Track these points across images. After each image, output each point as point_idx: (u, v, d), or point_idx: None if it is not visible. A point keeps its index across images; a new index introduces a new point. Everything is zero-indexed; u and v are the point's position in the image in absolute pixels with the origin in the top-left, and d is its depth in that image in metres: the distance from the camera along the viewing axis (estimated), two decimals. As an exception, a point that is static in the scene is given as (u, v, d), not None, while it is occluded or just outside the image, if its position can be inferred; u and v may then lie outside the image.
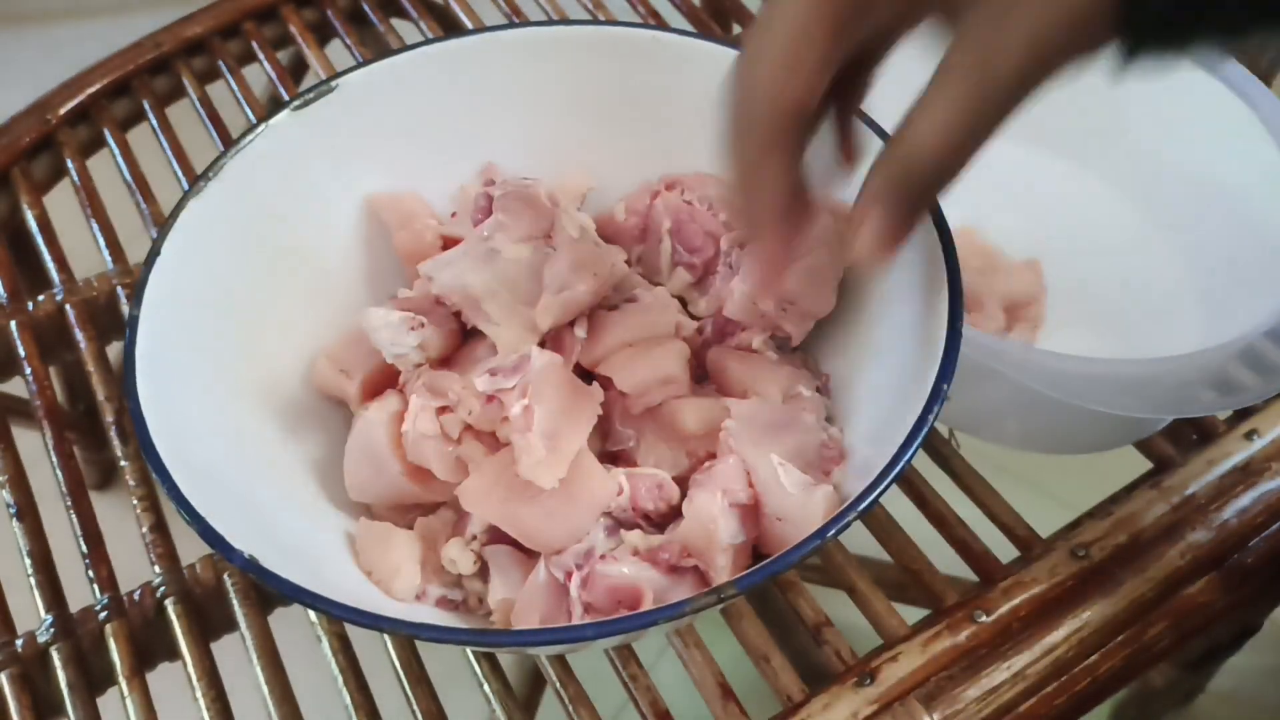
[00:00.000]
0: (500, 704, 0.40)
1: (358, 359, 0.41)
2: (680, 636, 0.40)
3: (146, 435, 0.32)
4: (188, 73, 0.62)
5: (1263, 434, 0.46)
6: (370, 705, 0.40)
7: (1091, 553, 0.42)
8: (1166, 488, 0.44)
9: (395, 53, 0.43)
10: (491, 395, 0.37)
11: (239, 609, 0.43)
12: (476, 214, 0.42)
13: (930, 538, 0.44)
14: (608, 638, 0.31)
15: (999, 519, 0.44)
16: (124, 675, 0.41)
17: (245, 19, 0.64)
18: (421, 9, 0.64)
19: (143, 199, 0.55)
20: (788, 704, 0.39)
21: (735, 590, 0.30)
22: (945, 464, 0.46)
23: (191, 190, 0.38)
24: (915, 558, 0.42)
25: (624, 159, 0.45)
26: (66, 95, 0.60)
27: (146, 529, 0.44)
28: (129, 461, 0.46)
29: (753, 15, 0.65)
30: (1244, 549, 0.43)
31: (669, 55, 0.43)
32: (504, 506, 0.36)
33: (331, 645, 0.41)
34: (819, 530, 0.30)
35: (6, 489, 0.46)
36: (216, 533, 0.31)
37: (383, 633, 0.31)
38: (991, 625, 0.40)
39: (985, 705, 0.39)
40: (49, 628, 0.42)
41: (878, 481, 0.31)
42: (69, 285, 0.52)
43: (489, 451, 0.37)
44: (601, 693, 0.41)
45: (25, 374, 0.49)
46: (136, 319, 0.35)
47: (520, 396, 0.36)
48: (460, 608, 0.38)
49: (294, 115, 0.41)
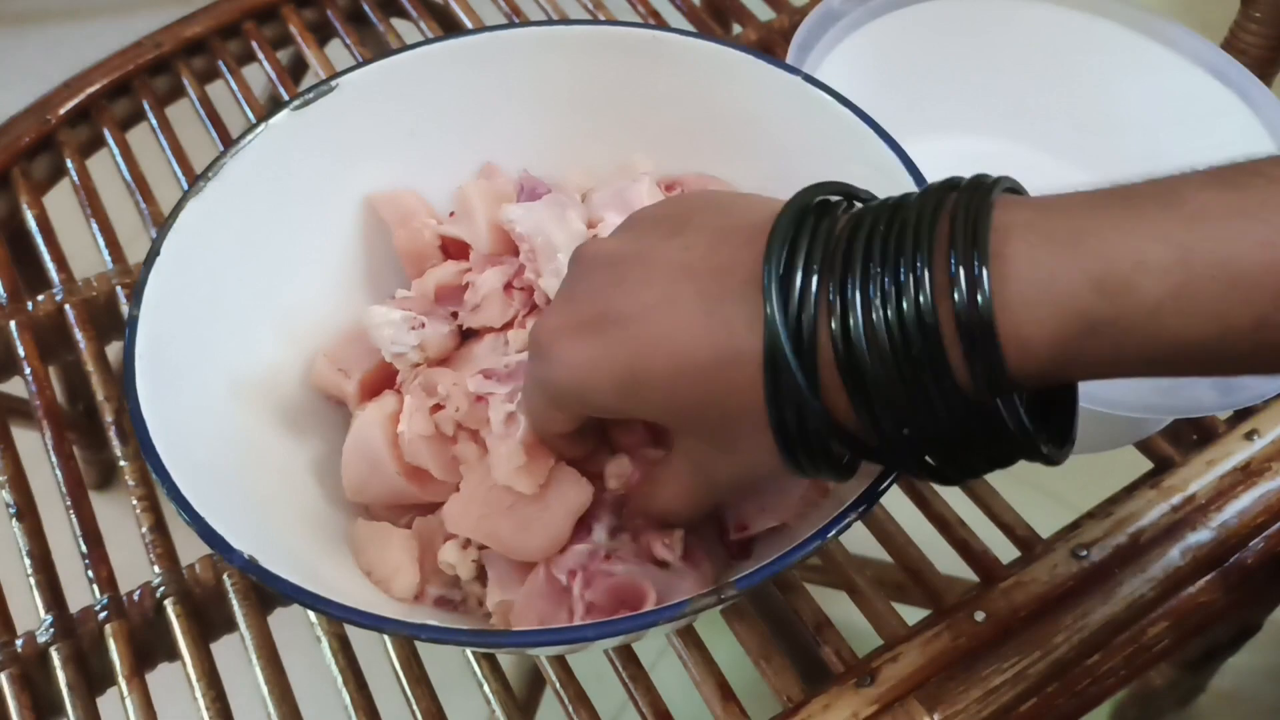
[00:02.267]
0: (500, 704, 0.40)
1: (356, 359, 0.41)
2: (680, 637, 0.40)
3: (146, 435, 0.32)
4: (188, 73, 0.62)
5: (1263, 434, 0.46)
6: (370, 705, 0.40)
7: (1091, 553, 0.42)
8: (1167, 488, 0.44)
9: (395, 53, 0.43)
10: (481, 396, 0.37)
11: (238, 609, 0.43)
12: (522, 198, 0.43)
13: (930, 538, 0.44)
14: (608, 638, 0.31)
15: (999, 519, 0.44)
16: (123, 675, 0.41)
17: (245, 19, 0.64)
18: (421, 9, 0.64)
19: (142, 199, 0.55)
20: (788, 704, 0.39)
21: (735, 590, 0.30)
22: (945, 464, 0.46)
23: (191, 190, 0.38)
24: (915, 558, 0.42)
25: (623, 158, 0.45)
26: (66, 95, 0.60)
27: (146, 529, 0.44)
28: (129, 461, 0.46)
29: (753, 15, 0.65)
30: (1244, 549, 0.43)
31: (669, 55, 0.43)
32: (481, 523, 0.36)
33: (331, 645, 0.41)
34: (819, 530, 0.30)
35: (6, 489, 0.46)
36: (216, 533, 0.31)
37: (382, 633, 0.31)
38: (991, 625, 0.40)
39: (985, 705, 0.39)
40: (49, 628, 0.42)
41: (878, 481, 0.31)
42: (69, 285, 0.52)
43: (483, 451, 0.37)
44: (601, 693, 0.41)
45: (25, 374, 0.49)
46: (136, 319, 0.35)
47: (506, 402, 0.36)
48: (459, 608, 0.38)
49: (294, 115, 0.41)
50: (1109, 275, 0.24)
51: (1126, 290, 0.24)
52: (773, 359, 0.27)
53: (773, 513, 0.36)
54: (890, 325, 0.26)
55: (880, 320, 0.26)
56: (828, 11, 0.51)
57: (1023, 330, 0.25)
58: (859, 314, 0.26)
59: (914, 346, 0.26)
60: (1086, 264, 0.25)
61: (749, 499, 0.37)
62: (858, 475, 0.30)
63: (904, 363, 0.26)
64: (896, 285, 0.26)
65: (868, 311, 0.26)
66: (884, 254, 0.26)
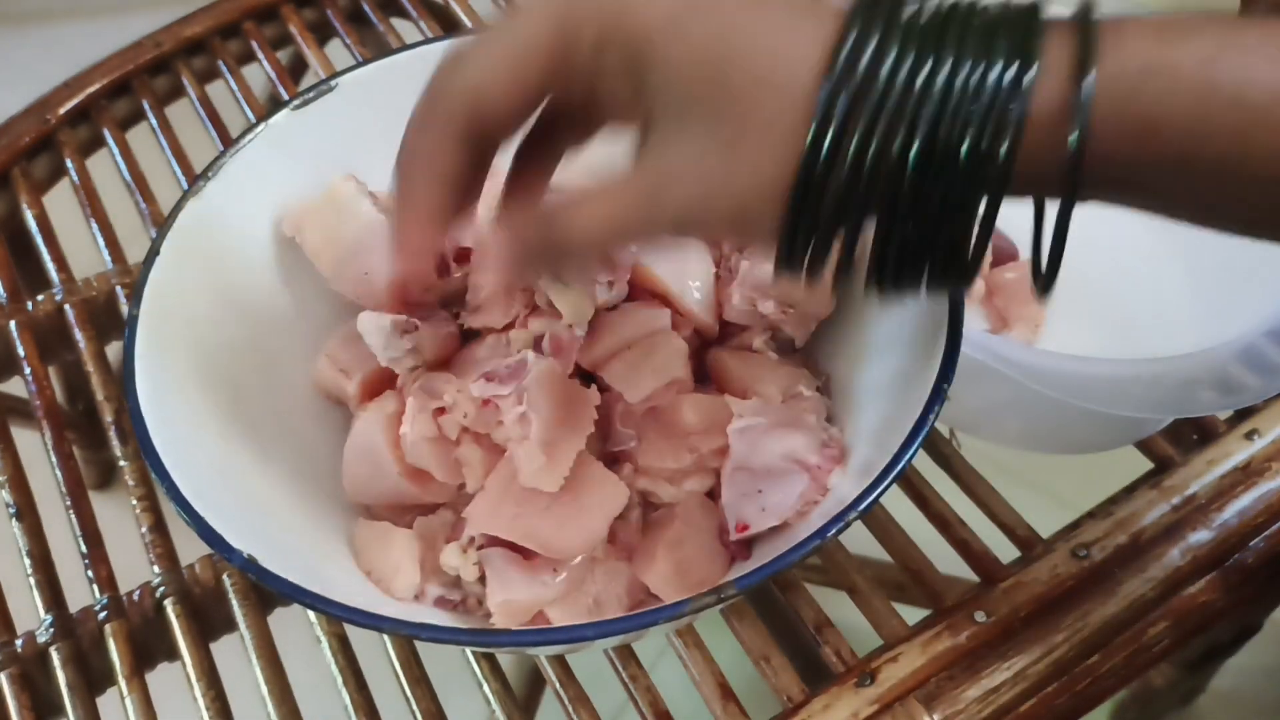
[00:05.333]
0: (500, 704, 0.40)
1: (357, 359, 0.41)
2: (680, 636, 0.40)
3: (146, 435, 0.32)
4: (187, 72, 0.62)
5: (1263, 434, 0.46)
6: (369, 705, 0.40)
7: (1092, 553, 0.42)
8: (1167, 488, 0.44)
9: (395, 52, 0.43)
10: (487, 400, 0.37)
11: (238, 609, 0.43)
12: None
13: (930, 538, 0.44)
14: (608, 638, 0.31)
15: (999, 519, 0.44)
16: (123, 675, 0.41)
17: (245, 19, 0.64)
18: (421, 9, 0.64)
19: (142, 199, 0.55)
20: (788, 704, 0.39)
21: (735, 590, 0.30)
22: (946, 464, 0.46)
23: (191, 190, 0.38)
24: (915, 558, 0.42)
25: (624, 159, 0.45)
26: (66, 95, 0.60)
27: (146, 529, 0.44)
28: (128, 461, 0.46)
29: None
30: (1244, 549, 0.43)
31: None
32: (516, 522, 0.36)
33: (331, 645, 0.41)
34: (819, 530, 0.30)
35: (6, 489, 0.46)
36: (215, 532, 0.31)
37: (382, 633, 0.31)
38: (992, 625, 0.40)
39: (985, 705, 0.39)
40: (49, 628, 0.42)
41: (878, 481, 0.31)
42: (68, 285, 0.52)
43: (486, 453, 0.37)
44: (601, 693, 0.41)
45: (25, 374, 0.49)
46: (136, 319, 0.35)
47: (516, 404, 0.36)
48: (459, 608, 0.38)
49: (294, 115, 0.41)
50: (1208, 76, 0.23)
51: (1230, 91, 0.23)
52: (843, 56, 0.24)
53: (773, 513, 0.36)
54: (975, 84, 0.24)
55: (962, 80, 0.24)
56: (828, 11, 0.51)
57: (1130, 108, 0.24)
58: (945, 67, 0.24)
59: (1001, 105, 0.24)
60: (1176, 56, 0.24)
61: (749, 499, 0.37)
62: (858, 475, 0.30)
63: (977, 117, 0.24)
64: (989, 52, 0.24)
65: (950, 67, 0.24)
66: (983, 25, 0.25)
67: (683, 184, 0.27)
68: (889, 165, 0.25)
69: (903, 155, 0.25)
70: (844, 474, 0.36)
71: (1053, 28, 0.25)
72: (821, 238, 0.26)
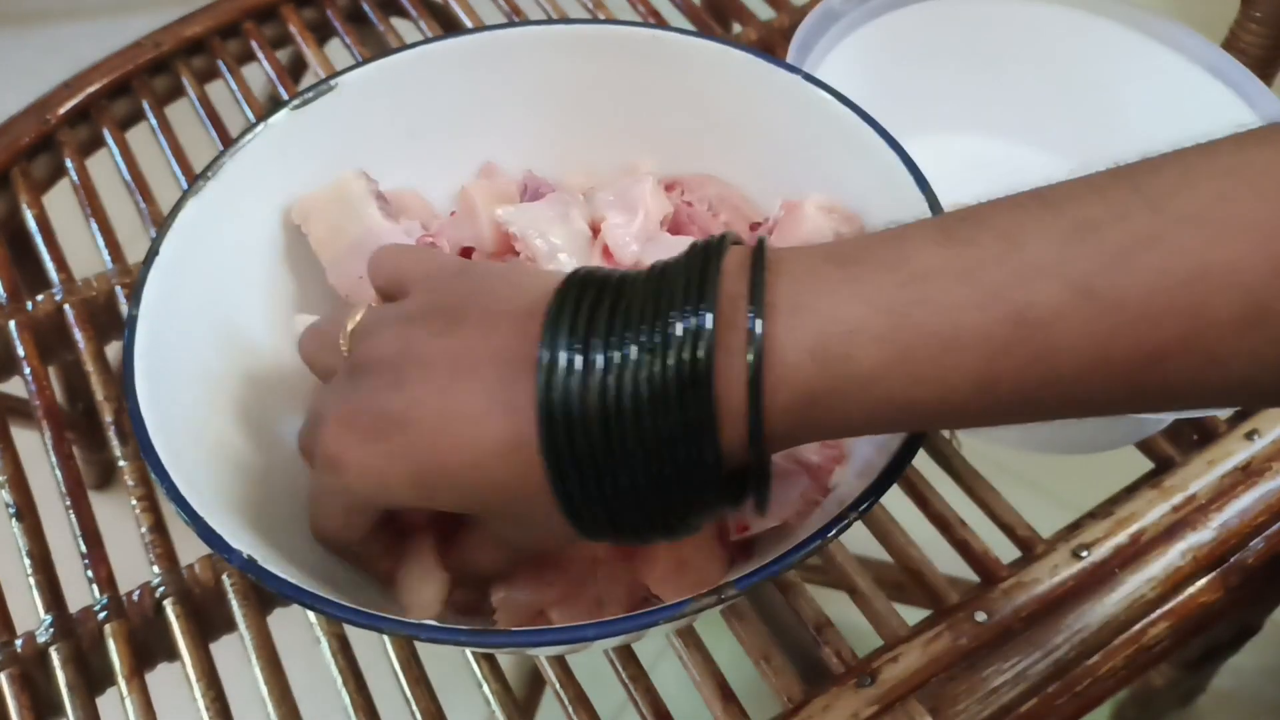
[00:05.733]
0: (500, 705, 0.40)
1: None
2: (680, 637, 0.40)
3: (146, 435, 0.32)
4: (187, 72, 0.62)
5: (1263, 434, 0.46)
6: (369, 706, 0.40)
7: (1092, 553, 0.42)
8: (1167, 488, 0.44)
9: (395, 52, 0.43)
10: None
11: (238, 609, 0.43)
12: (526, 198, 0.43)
13: (930, 538, 0.44)
14: (607, 638, 0.31)
15: (999, 519, 0.44)
16: (123, 675, 0.41)
17: (245, 19, 0.64)
18: (421, 9, 0.64)
19: (142, 199, 0.55)
20: (788, 704, 0.39)
21: (735, 590, 0.30)
22: (946, 464, 0.46)
23: (190, 190, 0.38)
24: (915, 558, 0.42)
25: (624, 158, 0.45)
26: (66, 95, 0.60)
27: (146, 529, 0.44)
28: (128, 461, 0.46)
29: (753, 15, 0.65)
30: (1244, 549, 0.43)
31: (669, 55, 0.43)
32: None
33: (330, 646, 0.41)
34: (819, 530, 0.30)
35: (6, 489, 0.46)
36: (215, 533, 0.31)
37: (382, 633, 0.31)
38: (992, 625, 0.40)
39: (986, 706, 0.39)
40: (48, 628, 0.42)
41: (879, 482, 0.31)
42: (68, 285, 0.52)
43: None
44: (601, 693, 0.41)
45: (24, 374, 0.49)
46: (135, 319, 0.35)
47: None
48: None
49: (293, 115, 0.41)
50: (822, 347, 0.25)
51: (842, 360, 0.25)
52: (550, 438, 0.27)
53: (773, 513, 0.36)
54: (653, 378, 0.26)
55: (643, 376, 0.26)
56: (828, 11, 0.51)
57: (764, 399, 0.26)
58: (627, 369, 0.26)
59: (672, 399, 0.26)
60: (800, 336, 0.25)
61: None
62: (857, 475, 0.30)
63: (657, 413, 0.26)
64: (664, 339, 0.26)
65: (633, 369, 0.26)
66: (646, 312, 0.27)
67: (521, 538, 0.33)
68: (622, 494, 0.28)
69: (632, 488, 0.28)
70: (844, 474, 0.36)
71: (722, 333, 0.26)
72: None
